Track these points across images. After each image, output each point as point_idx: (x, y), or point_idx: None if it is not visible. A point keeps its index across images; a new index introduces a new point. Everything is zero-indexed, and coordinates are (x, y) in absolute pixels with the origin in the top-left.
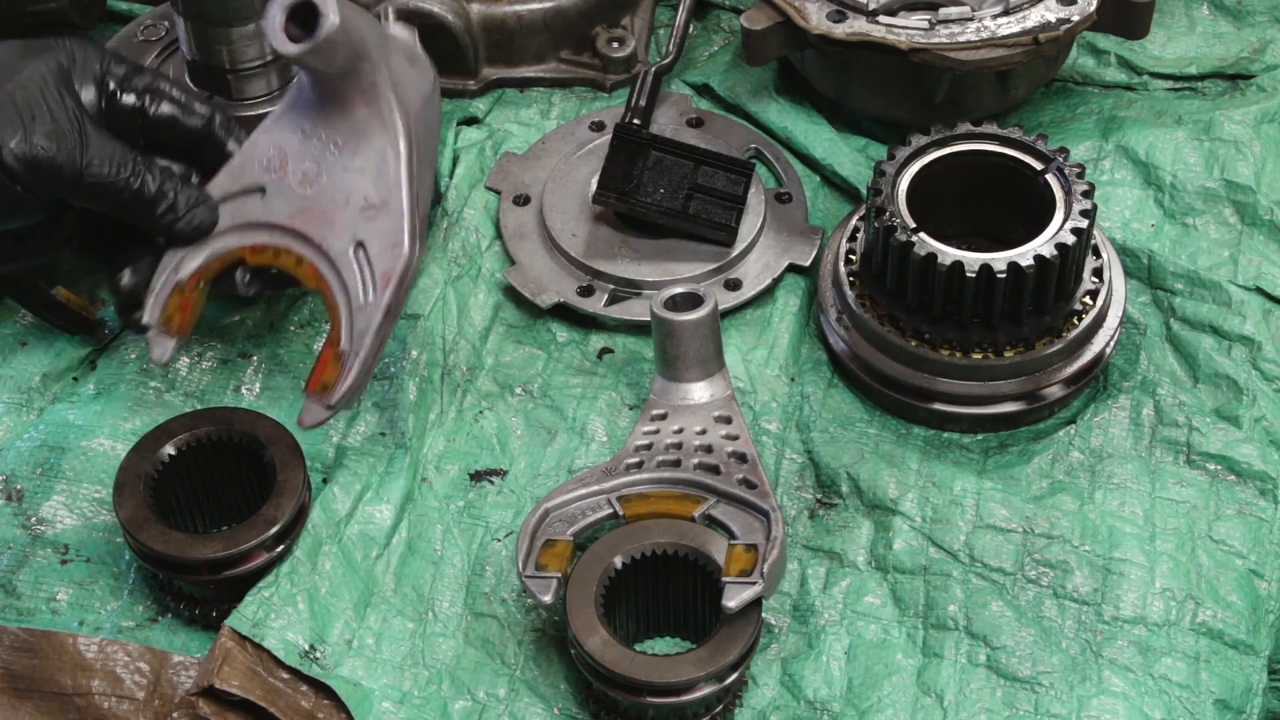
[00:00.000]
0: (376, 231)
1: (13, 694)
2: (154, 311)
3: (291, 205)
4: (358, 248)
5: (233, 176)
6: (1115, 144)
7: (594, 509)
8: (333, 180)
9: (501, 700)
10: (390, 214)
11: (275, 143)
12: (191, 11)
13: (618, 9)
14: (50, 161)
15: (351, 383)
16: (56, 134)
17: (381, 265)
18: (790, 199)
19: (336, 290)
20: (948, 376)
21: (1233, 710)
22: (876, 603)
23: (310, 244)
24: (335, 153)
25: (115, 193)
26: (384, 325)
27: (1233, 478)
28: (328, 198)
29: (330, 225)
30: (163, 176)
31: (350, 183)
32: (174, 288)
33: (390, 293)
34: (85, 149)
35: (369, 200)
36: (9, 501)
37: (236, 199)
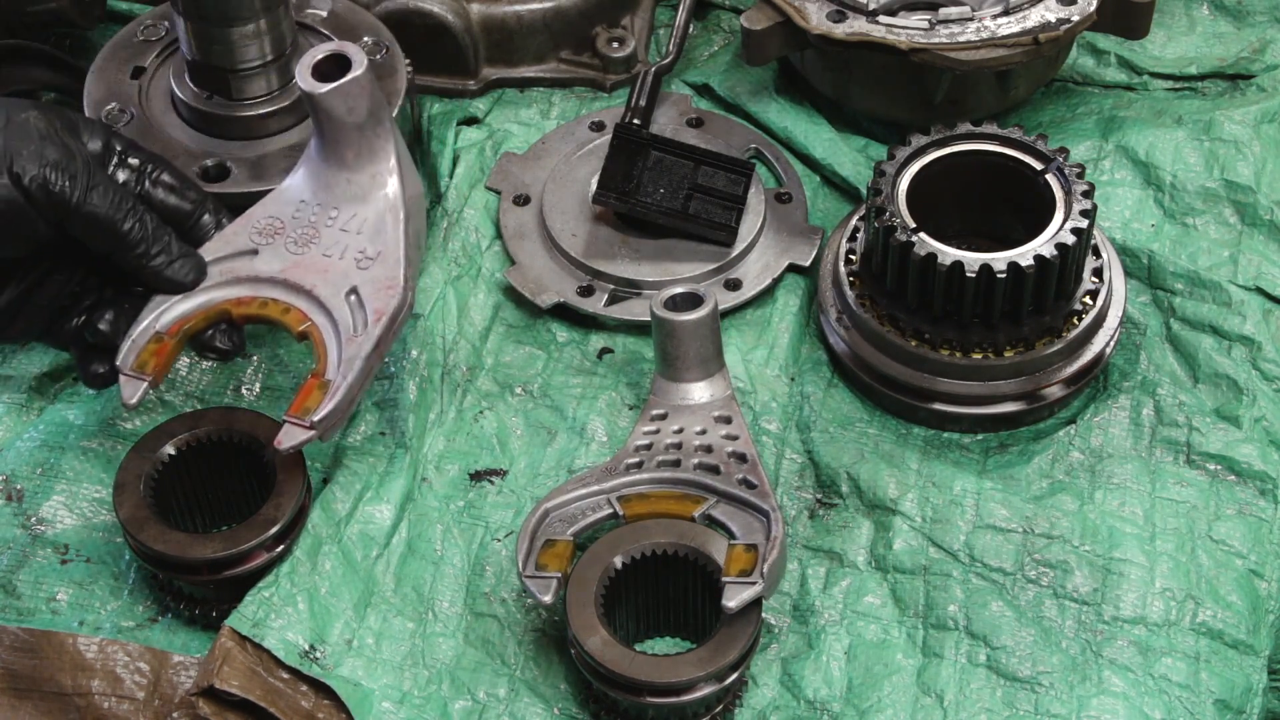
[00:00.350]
0: (370, 278)
1: (13, 694)
2: (128, 356)
3: (283, 262)
4: (350, 292)
5: (224, 241)
6: (1115, 144)
7: (594, 509)
8: (328, 239)
9: (501, 700)
10: (385, 263)
11: (271, 214)
12: (191, 11)
13: (618, 9)
14: (58, 185)
15: (335, 405)
16: (66, 162)
17: (375, 304)
18: (790, 199)
19: (325, 329)
20: (948, 376)
21: (1233, 710)
22: (876, 603)
23: (300, 291)
24: (333, 217)
25: (111, 229)
26: (372, 357)
27: (1233, 478)
28: (321, 253)
29: (322, 274)
30: (156, 224)
31: (346, 240)
32: (152, 335)
33: (382, 327)
34: (90, 180)
35: (364, 253)
36: (9, 501)
37: (226, 260)
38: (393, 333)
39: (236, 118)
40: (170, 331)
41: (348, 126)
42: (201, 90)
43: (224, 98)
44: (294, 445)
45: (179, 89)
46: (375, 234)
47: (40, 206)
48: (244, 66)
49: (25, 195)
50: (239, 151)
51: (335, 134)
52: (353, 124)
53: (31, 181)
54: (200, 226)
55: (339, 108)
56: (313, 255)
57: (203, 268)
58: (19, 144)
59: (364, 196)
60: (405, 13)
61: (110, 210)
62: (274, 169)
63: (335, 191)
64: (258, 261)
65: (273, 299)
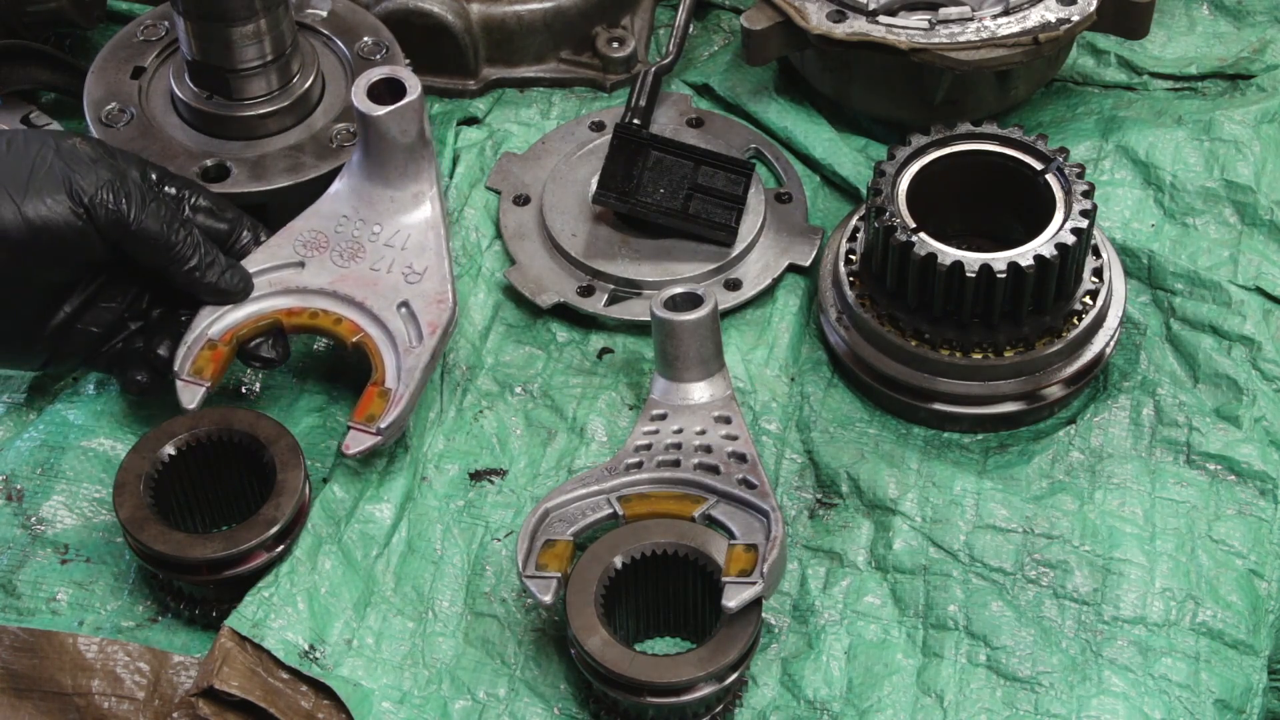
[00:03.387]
0: (419, 292)
1: (13, 694)
2: (184, 363)
3: (331, 274)
4: (401, 305)
5: (269, 253)
6: (1115, 144)
7: (594, 509)
8: (374, 254)
9: (501, 700)
10: (432, 278)
11: (313, 228)
12: (191, 11)
13: (618, 9)
14: (115, 204)
15: (401, 412)
16: (119, 182)
17: (428, 317)
18: (790, 199)
19: (380, 340)
20: (948, 376)
21: (1233, 710)
22: (876, 603)
23: (351, 303)
24: (376, 233)
25: (165, 244)
26: (429, 366)
27: (1233, 478)
28: (369, 267)
29: (372, 288)
30: (204, 238)
31: (391, 255)
32: (205, 342)
33: (438, 339)
34: (144, 199)
35: (412, 269)
36: (9, 501)
37: (273, 271)
38: (443, 344)
39: (236, 118)
40: (224, 339)
41: (398, 147)
42: (201, 90)
43: (224, 98)
44: (361, 450)
45: (179, 89)
46: (419, 250)
47: (100, 226)
48: (244, 66)
49: (87, 215)
50: (239, 151)
51: (384, 153)
52: (403, 145)
53: (91, 201)
54: (239, 245)
55: (393, 129)
56: (360, 269)
57: (249, 278)
58: (74, 167)
59: (406, 214)
60: (405, 13)
61: (163, 226)
62: (274, 169)
63: (378, 208)
64: (305, 274)
65: (323, 310)
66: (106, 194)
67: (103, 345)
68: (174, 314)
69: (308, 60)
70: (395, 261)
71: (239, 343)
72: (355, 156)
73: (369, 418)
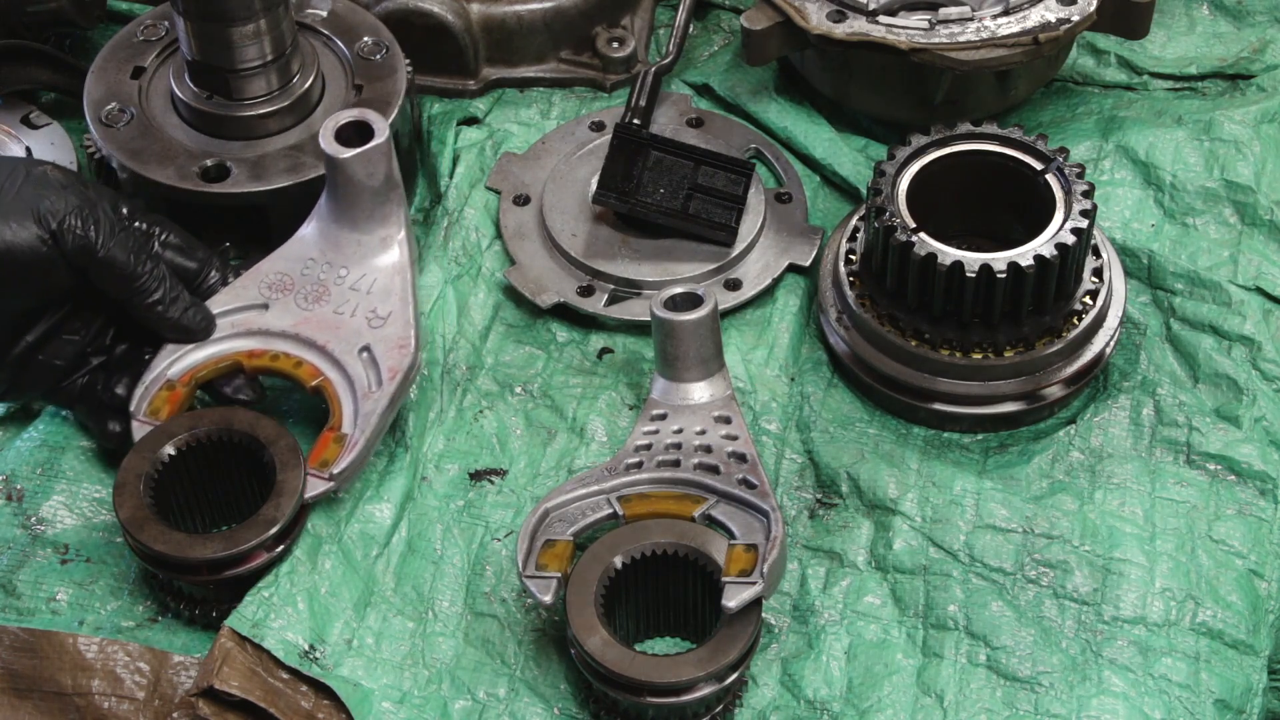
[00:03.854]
0: (382, 336)
1: (13, 694)
2: (141, 403)
3: (294, 317)
4: (363, 349)
5: (234, 294)
6: (1115, 144)
7: (594, 509)
8: (339, 297)
9: (501, 700)
10: (395, 323)
11: (279, 269)
12: (191, 11)
13: (618, 9)
14: (82, 231)
15: (355, 458)
16: (88, 209)
17: (388, 362)
18: (790, 199)
19: (339, 384)
20: (948, 376)
21: (1233, 710)
22: (876, 603)
23: (312, 346)
24: (342, 276)
25: (130, 275)
26: (387, 412)
27: (1233, 478)
28: (333, 310)
29: (335, 331)
30: (170, 275)
31: (356, 299)
32: (164, 383)
33: (397, 384)
34: (112, 227)
35: (375, 313)
36: (9, 501)
37: (237, 313)
38: (404, 390)
39: (236, 118)
40: (183, 380)
41: (365, 190)
42: (201, 90)
43: (224, 98)
44: (314, 496)
45: (179, 89)
46: (384, 294)
47: (66, 252)
48: (244, 66)
49: (53, 241)
50: (239, 151)
51: (351, 196)
52: (370, 188)
53: (59, 227)
54: (207, 284)
55: (359, 172)
56: (324, 312)
57: (212, 319)
58: (43, 193)
59: (373, 258)
60: (405, 13)
61: (130, 257)
62: (274, 169)
63: (345, 251)
64: (269, 316)
65: (284, 352)
66: (74, 220)
67: (64, 379)
68: (137, 351)
69: (308, 60)
70: (360, 305)
71: (198, 384)
72: (323, 199)
73: (322, 463)
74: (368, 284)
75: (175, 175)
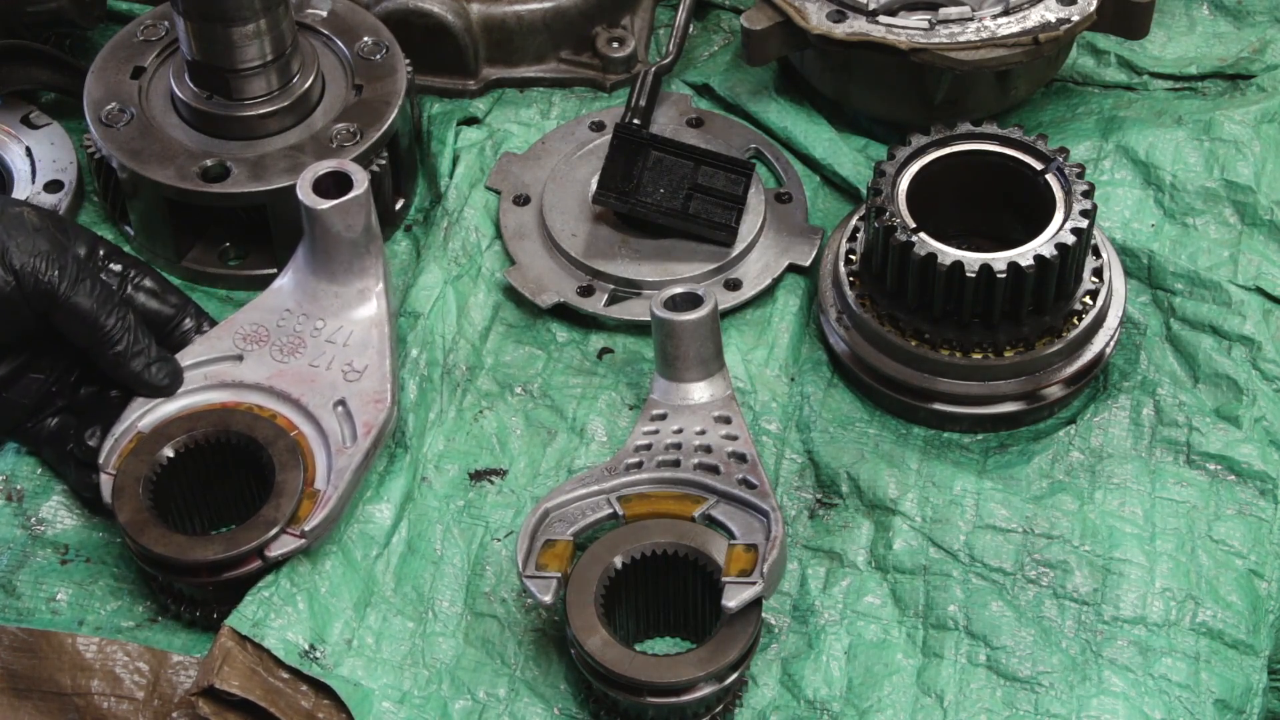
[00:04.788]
0: (358, 390)
1: (12, 694)
2: (110, 456)
3: (269, 369)
4: (338, 404)
5: (208, 345)
6: (1115, 144)
7: (594, 509)
8: (314, 349)
9: (501, 700)
10: (372, 377)
11: (254, 321)
12: (191, 11)
13: (618, 9)
14: (47, 275)
15: (328, 514)
16: (56, 254)
17: (364, 417)
18: (790, 199)
19: (313, 438)
20: (948, 376)
21: (1233, 710)
22: (876, 603)
23: (287, 400)
24: (319, 329)
25: (93, 324)
26: (360, 468)
27: (1233, 478)
28: (307, 363)
29: (310, 384)
30: (137, 325)
31: (333, 352)
32: (134, 435)
33: (371, 440)
34: (78, 274)
35: (352, 366)
36: (9, 501)
37: (210, 364)
38: (379, 445)
39: (236, 118)
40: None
41: (343, 242)
42: (201, 90)
43: (224, 98)
44: (285, 553)
45: (179, 89)
46: (362, 348)
47: (29, 295)
48: (244, 66)
49: (16, 283)
50: (239, 151)
51: (329, 248)
52: (348, 240)
53: (23, 269)
54: (181, 331)
55: (337, 224)
56: (299, 364)
57: (179, 374)
58: (13, 233)
59: (350, 310)
60: (405, 13)
61: (94, 305)
62: (274, 169)
63: (322, 303)
64: (242, 368)
65: (258, 405)
66: (40, 263)
67: (28, 419)
68: (103, 394)
69: (308, 60)
70: (336, 358)
71: None
72: (300, 250)
73: (293, 519)
74: (344, 336)
75: (175, 175)
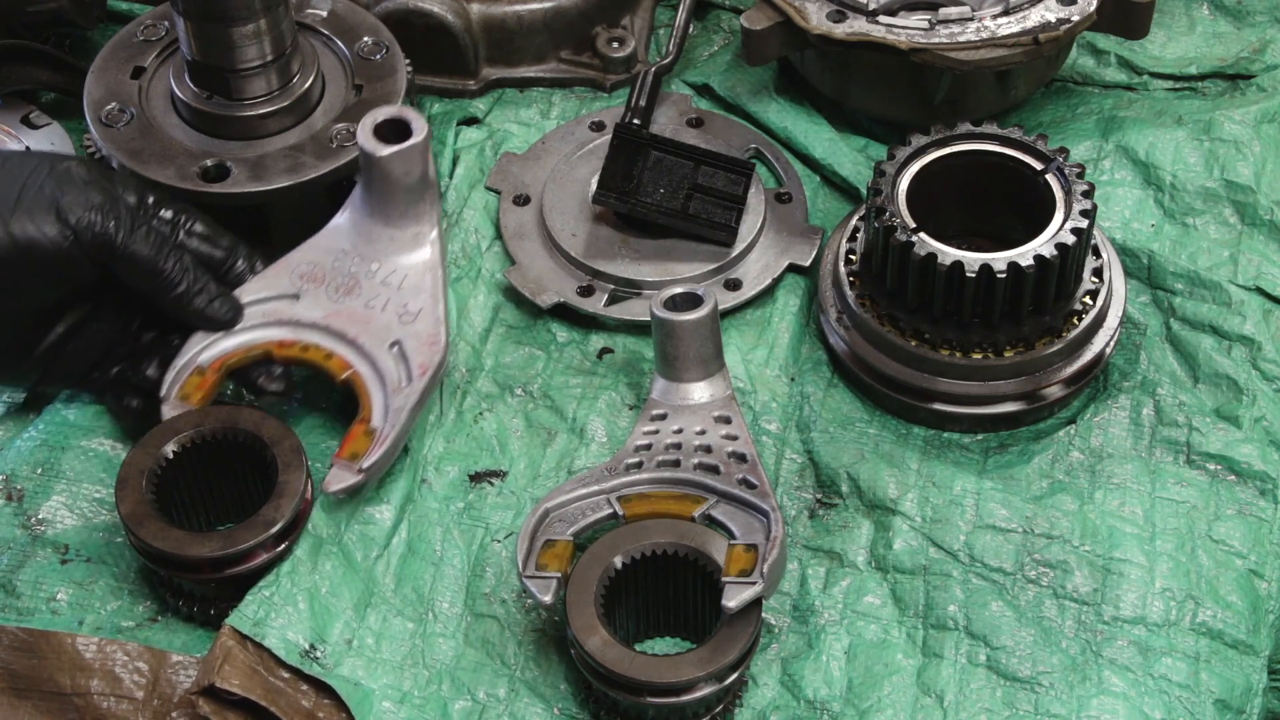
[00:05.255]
0: (413, 332)
1: (12, 694)
2: (171, 388)
3: (324, 309)
4: (393, 344)
5: (265, 283)
6: (1115, 144)
7: (594, 509)
8: (369, 291)
9: (501, 700)
10: (426, 319)
11: (310, 259)
12: (191, 11)
13: (618, 9)
14: (103, 228)
15: (385, 452)
16: (110, 205)
17: (419, 358)
18: (790, 199)
19: (369, 378)
20: (948, 376)
21: (1233, 710)
22: (876, 603)
23: (343, 339)
24: (373, 270)
25: (153, 269)
26: (417, 407)
27: (1233, 478)
28: (364, 304)
29: (365, 325)
30: (195, 265)
31: (387, 295)
32: (194, 369)
33: (427, 380)
34: (133, 223)
35: (406, 309)
36: (9, 501)
37: (268, 302)
38: (433, 386)
39: (236, 118)
40: (213, 366)
41: (401, 187)
42: (201, 90)
43: (224, 98)
44: (342, 488)
45: (179, 89)
46: (415, 291)
47: (88, 248)
48: (244, 66)
49: (74, 238)
50: (239, 151)
51: (386, 193)
52: (405, 186)
53: (79, 224)
54: (235, 272)
55: (397, 170)
56: (354, 305)
57: (239, 308)
58: (65, 189)
59: (405, 254)
60: (405, 13)
61: (152, 251)
62: (274, 169)
63: (377, 246)
64: (299, 306)
65: (314, 344)
66: (95, 216)
67: (94, 369)
68: (165, 339)
69: (308, 60)
70: (390, 300)
71: (228, 371)
72: (357, 192)
73: (352, 455)
74: (399, 279)
75: (175, 175)
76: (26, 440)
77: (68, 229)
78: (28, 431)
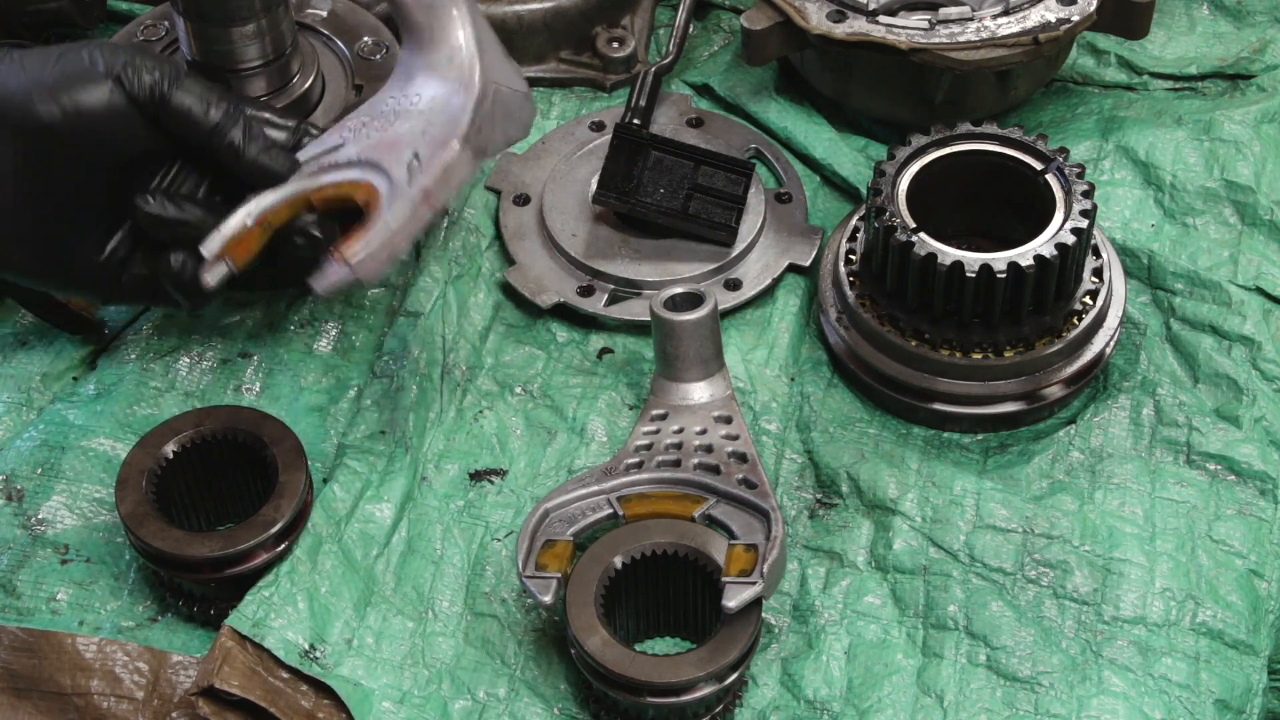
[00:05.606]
0: (429, 139)
1: (12, 694)
2: (212, 243)
3: (362, 144)
4: (414, 157)
5: (317, 143)
6: (1115, 144)
7: (594, 509)
8: (404, 121)
9: (501, 700)
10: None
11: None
12: (191, 11)
13: (618, 9)
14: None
15: (373, 242)
16: (157, 65)
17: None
18: (790, 199)
19: (384, 190)
20: (948, 376)
21: (1233, 710)
22: (876, 603)
23: (374, 168)
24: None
25: (203, 119)
26: (420, 207)
27: (1233, 478)
28: (396, 133)
29: (391, 147)
30: (249, 118)
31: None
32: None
33: (432, 175)
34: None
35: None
36: (9, 501)
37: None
38: (447, 187)
39: None
40: (257, 221)
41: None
42: None
43: None
44: (329, 285)
45: None
46: (444, 106)
47: (139, 100)
48: (244, 66)
49: (123, 90)
50: None
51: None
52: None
53: (125, 74)
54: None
55: None
56: (390, 134)
57: (295, 160)
58: (115, 55)
59: (439, 74)
60: None
61: (198, 101)
62: None
63: (416, 79)
64: (341, 151)
65: (349, 180)
66: (141, 62)
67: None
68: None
69: (308, 60)
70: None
71: (270, 226)
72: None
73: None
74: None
75: None
76: (26, 440)
77: (115, 83)
78: (28, 431)
